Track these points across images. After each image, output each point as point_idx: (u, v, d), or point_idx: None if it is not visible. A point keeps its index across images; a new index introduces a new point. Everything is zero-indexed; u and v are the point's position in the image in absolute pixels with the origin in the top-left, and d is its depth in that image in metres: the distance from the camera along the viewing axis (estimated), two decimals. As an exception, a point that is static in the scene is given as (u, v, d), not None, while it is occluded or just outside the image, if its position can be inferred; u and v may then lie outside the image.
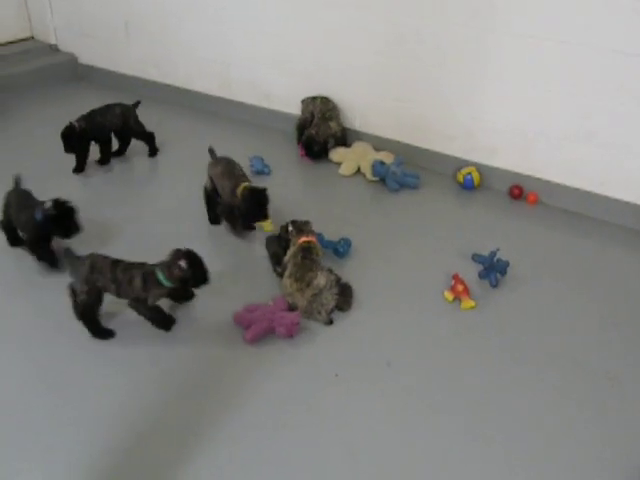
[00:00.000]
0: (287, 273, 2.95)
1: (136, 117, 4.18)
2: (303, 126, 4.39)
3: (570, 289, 3.14)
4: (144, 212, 3.71)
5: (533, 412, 2.45)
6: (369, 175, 4.04)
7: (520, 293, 3.09)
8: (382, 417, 2.41)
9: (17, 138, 4.60)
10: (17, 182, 3.25)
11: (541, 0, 3.47)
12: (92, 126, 4.00)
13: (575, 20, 3.40)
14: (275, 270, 3.13)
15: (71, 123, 3.93)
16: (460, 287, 3.00)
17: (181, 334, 2.80)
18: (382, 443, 2.31)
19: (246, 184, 3.30)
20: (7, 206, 3.19)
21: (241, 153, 4.18)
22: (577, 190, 3.77)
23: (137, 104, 4.20)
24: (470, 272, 3.16)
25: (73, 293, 2.72)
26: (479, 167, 3.99)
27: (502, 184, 3.97)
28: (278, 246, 3.18)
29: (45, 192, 3.17)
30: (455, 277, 3.04)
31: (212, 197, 3.48)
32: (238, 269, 3.24)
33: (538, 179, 3.87)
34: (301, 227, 3.11)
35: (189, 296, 2.93)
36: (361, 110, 4.40)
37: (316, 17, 4.31)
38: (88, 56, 5.64)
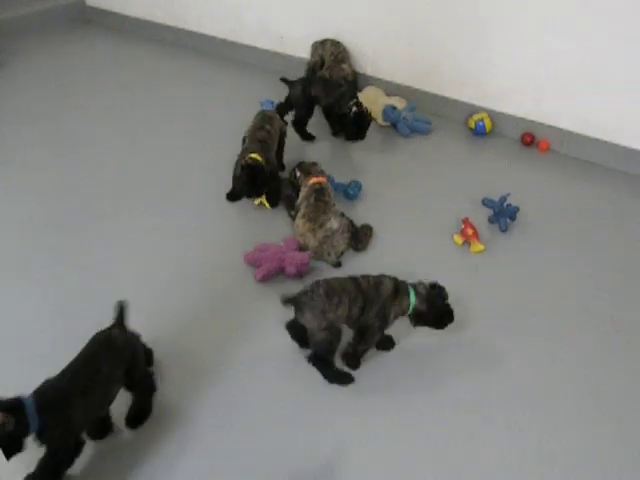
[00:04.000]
0: (300, 214, 2.96)
1: None
2: (313, 70, 4.35)
3: (579, 236, 3.14)
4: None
5: (536, 356, 2.48)
6: (380, 120, 4.01)
7: (529, 239, 3.10)
8: (387, 360, 2.45)
9: (24, 83, 4.54)
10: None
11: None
12: None
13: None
14: (289, 213, 3.14)
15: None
16: (470, 231, 3.01)
17: (193, 272, 2.83)
18: (388, 379, 2.36)
19: (251, 156, 3.11)
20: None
21: (252, 96, 4.16)
22: (589, 138, 3.73)
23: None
24: (480, 217, 3.17)
25: (298, 334, 2.38)
26: (491, 114, 3.95)
27: (514, 131, 3.94)
28: (291, 189, 3.19)
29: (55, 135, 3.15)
30: (465, 221, 3.05)
31: None
32: (250, 211, 3.25)
33: (550, 127, 3.84)
34: (308, 169, 3.11)
35: None
36: (373, 55, 4.34)
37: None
38: (96, -2, 5.56)
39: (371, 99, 4.16)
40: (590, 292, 2.80)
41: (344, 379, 2.32)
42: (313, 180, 3.02)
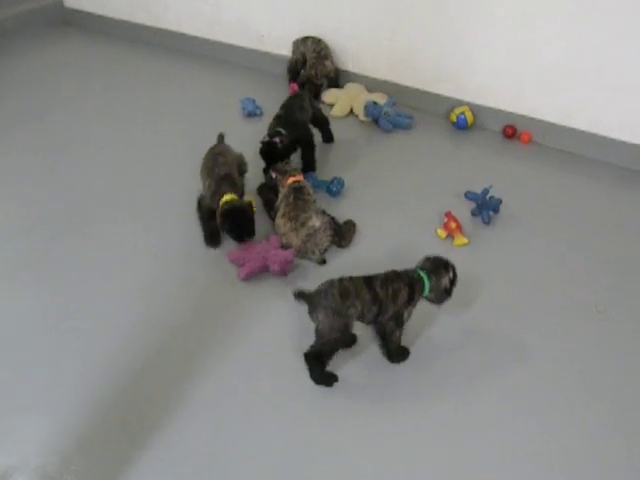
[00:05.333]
0: (280, 214, 2.95)
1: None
2: (294, 67, 4.35)
3: (562, 227, 3.15)
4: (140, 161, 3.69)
5: (521, 344, 2.50)
6: (362, 116, 4.01)
7: (512, 231, 3.11)
8: (373, 357, 2.45)
9: (2, 85, 4.48)
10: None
11: None
12: None
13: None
14: (270, 216, 3.12)
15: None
16: (453, 224, 3.01)
17: (177, 271, 2.82)
18: (373, 379, 2.36)
19: (226, 199, 2.86)
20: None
21: (232, 95, 4.15)
22: (570, 129, 3.74)
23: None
24: (463, 210, 3.17)
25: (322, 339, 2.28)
26: (472, 107, 3.95)
27: (495, 124, 3.95)
28: (269, 192, 3.16)
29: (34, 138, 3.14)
30: (448, 215, 3.05)
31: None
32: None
33: (531, 119, 3.84)
34: (284, 169, 3.09)
35: None
36: (354, 51, 4.33)
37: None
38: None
39: (352, 95, 4.17)
40: (575, 283, 2.81)
41: (330, 380, 2.31)
42: (291, 179, 3.00)
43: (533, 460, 2.09)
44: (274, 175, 3.08)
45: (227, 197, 2.85)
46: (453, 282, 2.39)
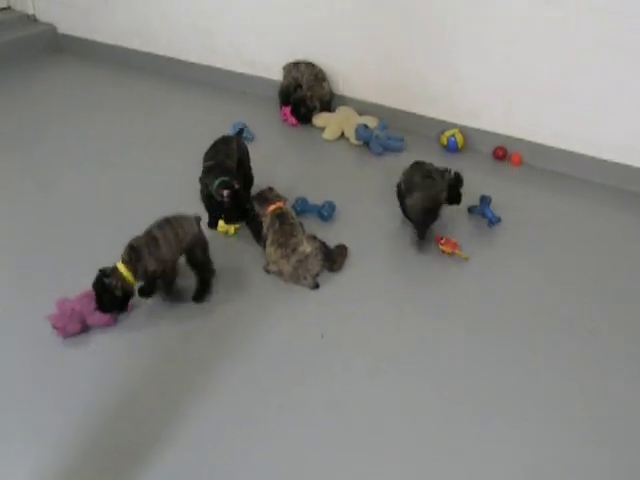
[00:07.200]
0: (269, 242, 2.92)
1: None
2: (286, 92, 4.37)
3: (553, 248, 3.16)
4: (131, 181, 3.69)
5: (514, 364, 2.49)
6: (353, 139, 4.03)
7: (504, 251, 3.13)
8: (366, 378, 2.43)
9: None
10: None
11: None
12: None
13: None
14: (260, 245, 3.10)
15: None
16: (452, 240, 3.07)
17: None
18: (367, 402, 2.34)
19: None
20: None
21: (224, 120, 4.16)
22: (561, 151, 3.78)
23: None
24: (458, 231, 3.20)
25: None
26: (463, 129, 3.98)
27: (486, 146, 3.97)
28: (255, 222, 3.10)
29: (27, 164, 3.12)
30: (438, 239, 3.07)
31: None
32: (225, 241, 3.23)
33: (522, 140, 3.88)
34: (265, 196, 3.05)
35: None
36: (344, 75, 4.37)
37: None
38: (67, 26, 5.52)
39: (343, 118, 4.19)
40: (566, 302, 2.82)
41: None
42: (272, 207, 2.99)
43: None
44: (255, 205, 3.05)
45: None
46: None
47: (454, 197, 3.20)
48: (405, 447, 2.17)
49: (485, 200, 3.30)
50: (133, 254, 2.54)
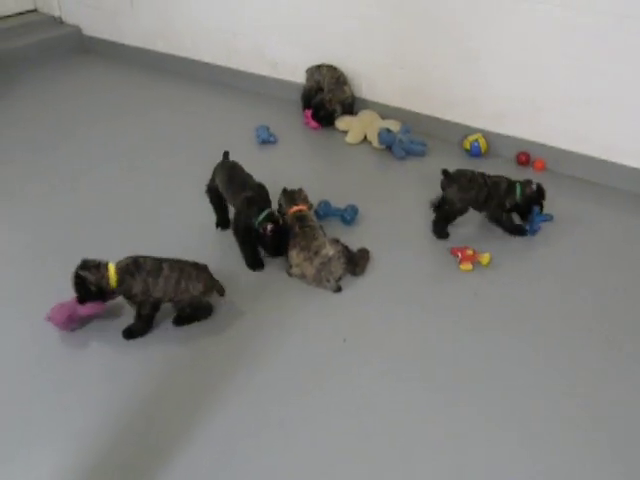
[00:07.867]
0: (290, 245, 2.94)
1: None
2: (308, 95, 4.39)
3: (575, 254, 3.15)
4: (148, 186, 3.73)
5: (532, 375, 2.48)
6: (375, 143, 4.04)
7: (524, 258, 3.12)
8: (388, 381, 2.44)
9: (23, 113, 4.57)
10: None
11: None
12: None
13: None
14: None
15: None
16: (468, 252, 3.03)
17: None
18: (388, 407, 2.34)
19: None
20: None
21: (247, 122, 4.20)
22: (584, 156, 3.75)
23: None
24: (476, 240, 3.19)
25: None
26: (486, 134, 3.98)
27: (509, 151, 3.96)
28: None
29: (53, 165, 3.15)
30: (453, 251, 3.08)
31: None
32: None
33: (545, 146, 3.86)
34: (292, 196, 3.10)
35: None
36: (367, 78, 4.38)
37: (321, -16, 4.29)
38: (93, 28, 5.61)
39: (366, 122, 4.20)
40: (586, 311, 2.80)
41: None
42: (294, 208, 3.02)
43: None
44: (281, 200, 3.09)
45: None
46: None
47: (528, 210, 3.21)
48: (427, 451, 2.18)
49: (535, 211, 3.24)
50: (132, 267, 2.50)
